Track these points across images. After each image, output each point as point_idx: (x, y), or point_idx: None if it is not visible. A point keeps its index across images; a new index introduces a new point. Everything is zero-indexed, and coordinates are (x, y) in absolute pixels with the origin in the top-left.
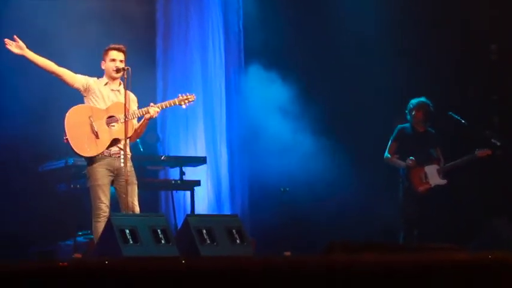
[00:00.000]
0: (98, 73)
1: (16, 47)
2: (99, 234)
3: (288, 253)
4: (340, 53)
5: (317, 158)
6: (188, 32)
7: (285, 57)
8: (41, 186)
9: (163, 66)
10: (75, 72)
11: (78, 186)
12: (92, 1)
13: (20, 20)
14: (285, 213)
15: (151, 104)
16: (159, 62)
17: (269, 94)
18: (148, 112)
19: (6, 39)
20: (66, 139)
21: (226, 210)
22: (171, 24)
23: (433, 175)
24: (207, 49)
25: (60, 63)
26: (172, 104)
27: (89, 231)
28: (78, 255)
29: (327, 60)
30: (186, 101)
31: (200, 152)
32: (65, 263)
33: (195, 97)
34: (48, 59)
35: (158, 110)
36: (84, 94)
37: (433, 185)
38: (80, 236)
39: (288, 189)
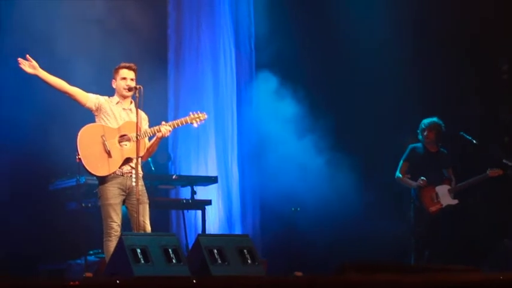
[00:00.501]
0: (109, 89)
1: (29, 66)
2: (111, 253)
3: (299, 273)
4: (352, 69)
5: (328, 177)
6: (199, 47)
7: (296, 72)
8: (51, 204)
9: (175, 81)
10: (87, 90)
11: (89, 205)
12: (105, 17)
13: (39, 38)
14: (296, 233)
15: (163, 122)
16: (171, 77)
17: (280, 110)
18: (160, 131)
19: (19, 59)
20: (79, 158)
21: (238, 230)
22: (183, 40)
23: (444, 195)
24: (219, 64)
25: (70, 79)
26: (184, 123)
27: (100, 250)
28: (89, 274)
29: (339, 75)
30: (198, 120)
31: (211, 172)
32: (76, 282)
33: (206, 116)
34: (61, 78)
35: (170, 128)
36: (96, 113)
37: (444, 205)
38: (91, 255)
39: (299, 208)
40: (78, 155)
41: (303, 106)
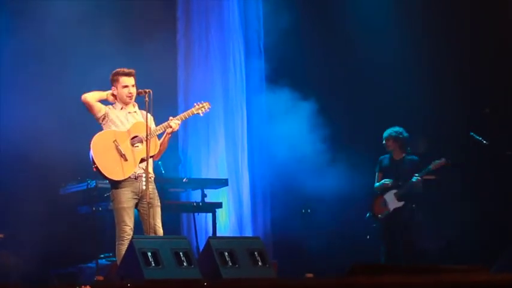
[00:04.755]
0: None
1: None
2: None
3: (310, 275)
4: (362, 73)
5: (339, 179)
6: (209, 51)
7: (306, 74)
8: (62, 208)
9: (185, 85)
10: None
11: (100, 208)
12: (114, 22)
13: (51, 42)
14: (306, 234)
15: (170, 117)
16: (180, 81)
17: (291, 112)
18: (170, 126)
19: None
20: (96, 167)
21: (248, 232)
22: (192, 43)
23: (391, 200)
24: (228, 67)
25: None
26: (191, 114)
27: (111, 254)
28: (100, 278)
29: (350, 76)
30: (203, 109)
31: (222, 174)
32: (88, 286)
33: (210, 104)
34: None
35: (179, 122)
36: (102, 122)
37: (391, 210)
38: (102, 258)
39: (309, 210)
40: (95, 164)
41: (313, 108)
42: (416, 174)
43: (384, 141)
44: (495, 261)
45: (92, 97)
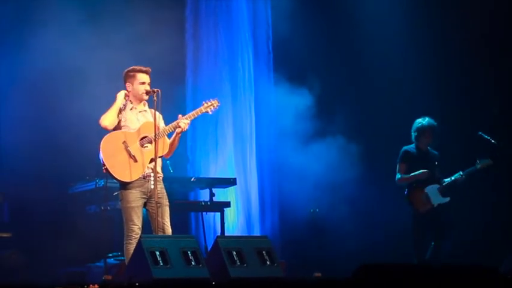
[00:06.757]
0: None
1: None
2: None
3: (318, 274)
4: (368, 71)
5: (348, 178)
6: (217, 51)
7: (314, 74)
8: (71, 208)
9: (193, 85)
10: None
11: (108, 208)
12: (122, 22)
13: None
14: (314, 234)
15: (180, 116)
16: (189, 81)
17: (298, 111)
18: (179, 126)
19: None
20: (105, 169)
21: (256, 231)
22: (200, 43)
23: (434, 195)
24: (237, 67)
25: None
26: (200, 113)
27: (119, 253)
28: (108, 277)
29: (357, 75)
30: (212, 107)
31: (230, 173)
32: (96, 285)
33: (219, 102)
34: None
35: (188, 121)
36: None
37: (435, 205)
38: (110, 257)
39: (317, 210)
40: (104, 165)
41: (321, 107)
42: (461, 172)
43: (424, 130)
44: (503, 260)
45: (111, 122)
